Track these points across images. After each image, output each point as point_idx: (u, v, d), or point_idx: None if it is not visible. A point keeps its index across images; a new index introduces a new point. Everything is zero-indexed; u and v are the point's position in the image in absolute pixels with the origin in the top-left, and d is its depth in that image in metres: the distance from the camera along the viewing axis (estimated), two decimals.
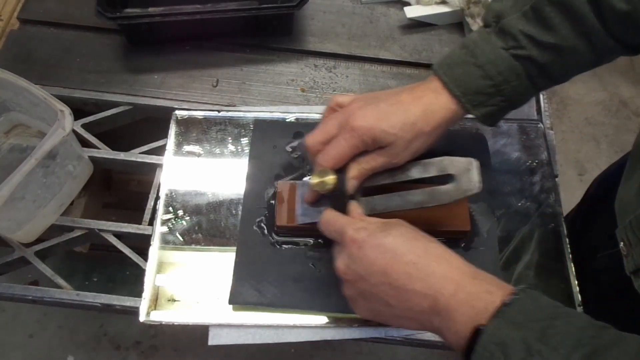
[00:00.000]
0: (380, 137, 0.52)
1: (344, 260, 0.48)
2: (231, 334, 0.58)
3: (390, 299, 0.45)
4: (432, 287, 0.43)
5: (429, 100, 0.53)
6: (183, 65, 0.76)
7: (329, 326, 0.58)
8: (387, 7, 0.83)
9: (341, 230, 0.48)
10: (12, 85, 0.60)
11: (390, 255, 0.45)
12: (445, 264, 0.45)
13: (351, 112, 0.53)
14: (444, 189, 0.54)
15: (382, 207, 0.55)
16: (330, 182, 0.52)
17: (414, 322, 0.46)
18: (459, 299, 0.42)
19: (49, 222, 0.63)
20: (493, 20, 0.53)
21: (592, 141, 1.80)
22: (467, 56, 0.53)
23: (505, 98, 0.54)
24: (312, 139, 0.55)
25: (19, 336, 1.37)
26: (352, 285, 0.48)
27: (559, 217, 0.64)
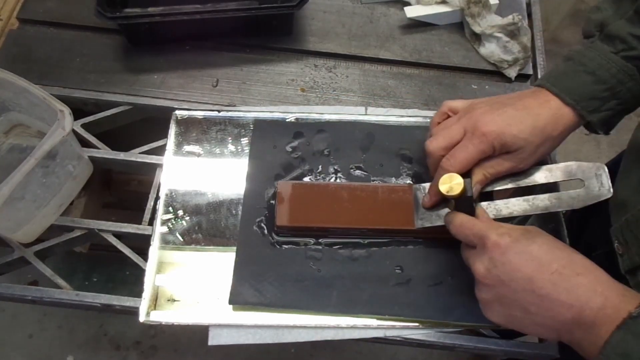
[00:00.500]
0: (510, 143, 0.52)
1: (484, 264, 0.47)
2: (231, 334, 0.58)
3: (531, 307, 0.45)
4: (578, 298, 0.43)
5: (556, 105, 0.54)
6: (183, 65, 0.76)
7: (329, 326, 0.58)
8: (387, 7, 0.83)
9: (481, 234, 0.48)
10: (12, 85, 0.59)
11: (536, 263, 0.45)
12: (592, 277, 0.44)
13: (478, 117, 0.53)
14: (574, 194, 0.54)
15: (507, 212, 0.55)
16: (459, 187, 0.52)
17: (552, 331, 0.45)
18: (606, 313, 0.42)
19: (48, 222, 0.63)
20: (596, 30, 0.54)
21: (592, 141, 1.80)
22: (574, 66, 0.54)
23: (620, 101, 0.54)
24: (434, 144, 0.55)
25: (19, 336, 1.37)
26: (491, 290, 0.47)
27: (559, 217, 0.64)
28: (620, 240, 0.55)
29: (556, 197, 0.54)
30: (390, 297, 0.58)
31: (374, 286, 0.59)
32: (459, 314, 0.57)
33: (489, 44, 0.77)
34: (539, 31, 0.81)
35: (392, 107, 0.73)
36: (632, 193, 0.55)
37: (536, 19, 0.82)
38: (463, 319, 0.57)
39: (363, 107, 0.73)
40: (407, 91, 0.75)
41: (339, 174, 0.66)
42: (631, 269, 0.53)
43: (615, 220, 0.56)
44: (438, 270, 0.60)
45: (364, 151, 0.67)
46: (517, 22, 0.74)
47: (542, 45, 0.79)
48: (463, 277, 0.59)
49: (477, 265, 0.48)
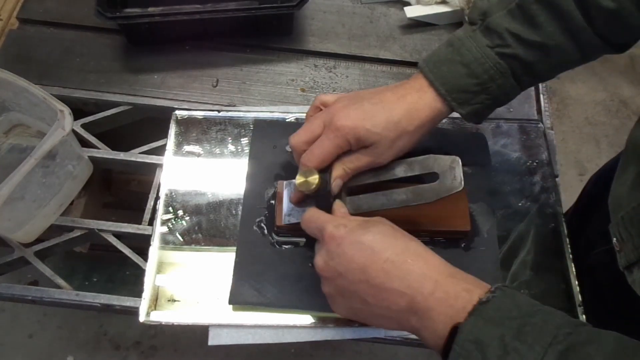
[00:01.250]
0: (364, 137, 0.51)
1: (322, 257, 0.47)
2: (231, 334, 0.58)
3: (368, 297, 0.45)
4: (410, 285, 0.43)
5: (413, 98, 0.53)
6: (183, 65, 0.76)
7: (329, 326, 0.58)
8: (387, 7, 0.83)
9: (321, 227, 0.48)
10: (12, 85, 0.59)
11: (369, 253, 0.45)
12: (423, 263, 0.44)
13: (335, 111, 0.53)
14: (428, 187, 0.54)
15: (367, 207, 0.55)
16: (314, 182, 0.52)
17: (392, 321, 0.45)
18: (437, 297, 0.42)
19: (48, 222, 0.63)
20: (479, 18, 0.53)
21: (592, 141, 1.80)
22: (453, 54, 0.53)
23: (490, 96, 0.54)
24: (296, 138, 0.55)
25: (19, 336, 1.37)
26: (331, 283, 0.48)
27: (559, 217, 0.64)
28: (617, 237, 0.55)
29: (412, 191, 0.54)
30: None
31: None
32: None
33: None
34: None
35: None
36: (627, 191, 0.55)
37: None
38: None
39: None
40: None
41: None
42: (628, 265, 0.54)
43: (613, 218, 0.57)
44: None
45: None
46: None
47: None
48: None
49: (317, 259, 0.48)
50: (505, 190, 0.66)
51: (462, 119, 0.56)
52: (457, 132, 0.70)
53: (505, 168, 0.68)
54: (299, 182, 0.53)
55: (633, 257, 0.52)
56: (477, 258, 0.60)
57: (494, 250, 0.61)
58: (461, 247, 0.61)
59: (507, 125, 0.71)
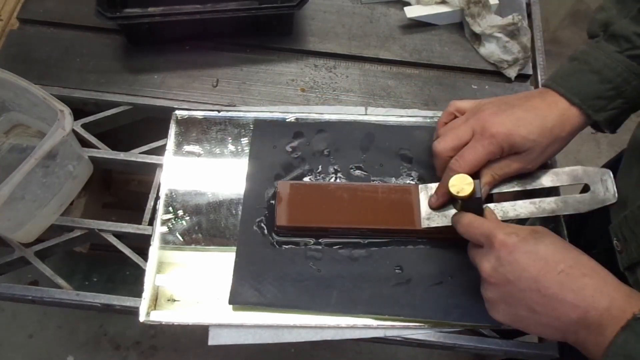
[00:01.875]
0: (519, 144, 0.52)
1: (490, 263, 0.47)
2: (231, 334, 0.58)
3: (537, 306, 0.45)
4: (584, 299, 0.43)
5: (563, 105, 0.54)
6: (183, 65, 0.76)
7: (329, 326, 0.58)
8: (387, 7, 0.83)
9: (489, 234, 0.48)
10: (12, 85, 0.59)
11: (543, 263, 0.45)
12: (598, 278, 0.44)
13: (486, 118, 0.53)
14: (580, 198, 0.55)
15: (514, 214, 0.56)
16: (470, 188, 0.52)
17: (557, 331, 0.45)
18: (612, 314, 0.42)
19: (48, 222, 0.63)
20: (600, 30, 0.54)
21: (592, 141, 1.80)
22: (580, 65, 0.54)
23: (626, 100, 0.54)
24: (442, 145, 0.55)
25: (19, 336, 1.37)
26: (497, 289, 0.47)
27: (559, 218, 0.64)
28: (619, 237, 0.55)
29: (562, 201, 0.55)
30: (390, 297, 0.58)
31: (374, 286, 0.59)
32: (458, 314, 0.57)
33: (488, 44, 0.77)
34: (539, 31, 0.81)
35: (392, 107, 0.73)
36: (631, 190, 0.55)
37: (536, 19, 0.82)
38: (463, 319, 0.57)
39: (363, 107, 0.73)
40: (407, 91, 0.75)
41: (339, 174, 0.66)
42: (630, 265, 0.54)
43: (614, 218, 0.57)
44: (438, 270, 0.60)
45: (364, 151, 0.67)
46: (517, 22, 0.74)
47: (542, 45, 0.79)
48: (463, 277, 0.59)
49: (483, 264, 0.48)
50: None
51: None
52: None
53: None
54: (455, 188, 0.53)
55: (637, 257, 0.52)
56: None
57: None
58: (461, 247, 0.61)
59: None
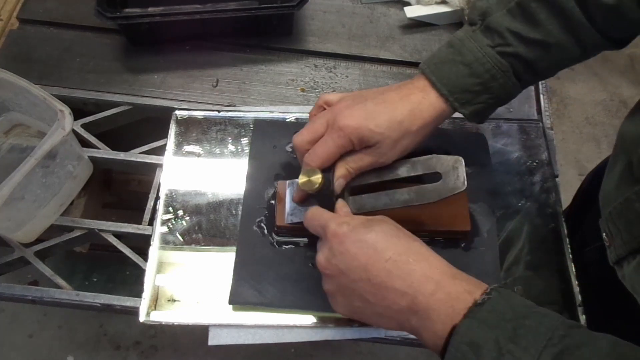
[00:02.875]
0: (367, 137, 0.52)
1: (324, 254, 0.47)
2: (231, 334, 0.58)
3: (369, 296, 0.45)
4: (411, 285, 0.43)
5: (417, 98, 0.53)
6: (183, 65, 0.76)
7: (329, 326, 0.58)
8: (387, 7, 0.83)
9: (324, 225, 0.48)
10: (12, 85, 0.59)
11: (371, 251, 0.45)
12: (425, 263, 0.44)
13: (338, 111, 0.53)
14: (431, 187, 0.54)
15: (370, 206, 0.56)
16: (317, 181, 0.52)
17: (392, 320, 0.45)
18: (438, 298, 0.42)
19: (48, 222, 0.63)
20: (479, 19, 0.53)
21: (592, 141, 1.80)
22: (454, 55, 0.53)
23: (492, 95, 0.54)
24: (299, 138, 0.55)
25: (19, 336, 1.37)
26: (332, 280, 0.47)
27: (559, 217, 0.64)
28: (607, 233, 0.55)
29: (415, 191, 0.54)
30: None
31: None
32: None
33: None
34: None
35: None
36: (614, 186, 0.56)
37: None
38: None
39: None
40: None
41: None
42: (618, 260, 0.54)
43: (603, 213, 0.57)
44: None
45: None
46: None
47: None
48: None
49: (318, 256, 0.48)
50: (506, 190, 0.66)
51: (463, 119, 0.56)
52: (457, 132, 0.70)
53: (505, 168, 0.68)
54: (302, 182, 0.53)
55: (622, 252, 0.53)
56: (477, 258, 0.60)
57: (493, 251, 0.61)
58: (461, 247, 0.61)
59: (507, 125, 0.71)
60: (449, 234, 0.61)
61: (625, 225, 0.52)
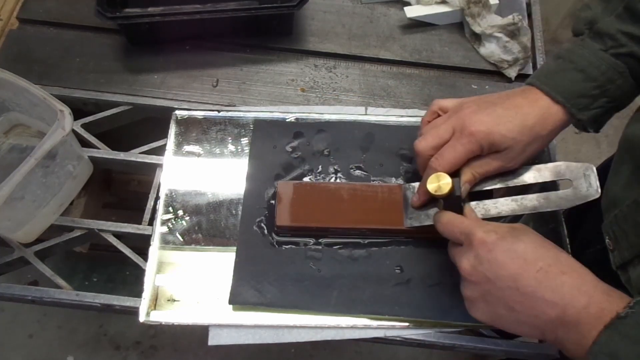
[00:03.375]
0: (499, 142, 0.52)
1: (470, 261, 0.47)
2: (231, 334, 0.58)
3: (516, 305, 0.45)
4: (563, 297, 0.43)
5: (545, 104, 0.54)
6: (183, 65, 0.76)
7: (329, 326, 0.58)
8: (387, 7, 0.83)
9: (468, 232, 0.48)
10: (12, 85, 0.59)
11: (522, 261, 0.45)
12: (576, 275, 0.44)
13: (466, 117, 0.53)
14: (562, 194, 0.54)
15: (495, 212, 0.56)
16: (447, 186, 0.52)
17: (536, 330, 0.45)
18: (590, 312, 0.42)
19: (48, 222, 0.63)
20: (585, 28, 0.54)
21: (592, 141, 1.80)
22: (564, 64, 0.54)
23: (610, 99, 0.54)
24: (423, 143, 0.55)
25: (19, 336, 1.37)
26: (476, 287, 0.47)
27: (559, 217, 0.64)
28: (610, 236, 0.55)
29: (544, 197, 0.54)
30: (390, 297, 0.58)
31: (374, 286, 0.59)
32: (458, 314, 0.57)
33: (489, 44, 0.77)
34: (539, 31, 0.81)
35: (392, 107, 0.73)
36: (621, 189, 0.55)
37: (536, 19, 0.82)
38: (463, 319, 0.57)
39: (363, 107, 0.73)
40: (407, 91, 0.75)
41: (339, 174, 0.66)
42: (621, 264, 0.54)
43: (606, 217, 0.57)
44: (438, 270, 0.60)
45: (364, 151, 0.67)
46: (517, 22, 0.74)
47: (542, 45, 0.79)
48: None
49: (462, 263, 0.48)
50: None
51: None
52: None
53: None
54: (432, 187, 0.52)
55: (628, 255, 0.53)
56: None
57: None
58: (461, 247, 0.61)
59: None
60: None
61: (632, 228, 0.52)
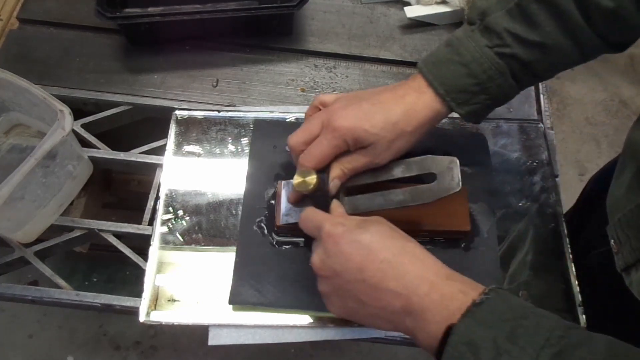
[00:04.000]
0: (362, 137, 0.51)
1: (319, 256, 0.47)
2: (231, 334, 0.58)
3: (364, 297, 0.45)
4: (406, 286, 0.43)
5: (412, 99, 0.53)
6: (183, 65, 0.76)
7: (329, 326, 0.58)
8: (387, 7, 0.83)
9: (319, 226, 0.48)
10: (12, 85, 0.59)
11: (366, 252, 0.45)
12: (419, 264, 0.44)
13: (333, 112, 0.53)
14: (426, 187, 0.54)
15: (364, 207, 0.55)
16: (312, 182, 0.52)
17: (387, 322, 0.45)
18: (432, 299, 0.42)
19: (48, 222, 0.63)
20: (478, 18, 0.53)
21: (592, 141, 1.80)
22: (451, 54, 0.53)
23: (489, 96, 0.53)
24: (294, 138, 0.55)
25: (19, 336, 1.37)
26: (327, 281, 0.47)
27: (559, 217, 0.64)
28: (615, 239, 0.55)
29: (409, 191, 0.54)
30: None
31: None
32: None
33: None
34: None
35: None
36: (624, 193, 0.55)
37: None
38: None
39: None
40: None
41: None
42: (626, 267, 0.53)
43: (611, 219, 0.57)
44: None
45: None
46: None
47: None
48: None
49: (313, 257, 0.48)
50: (505, 190, 0.66)
51: (461, 119, 0.56)
52: (457, 132, 0.70)
53: (505, 168, 0.68)
54: (297, 182, 0.53)
55: (631, 259, 0.52)
56: (477, 258, 0.60)
57: (493, 251, 0.61)
58: (461, 247, 0.61)
59: (507, 125, 0.71)
60: (449, 234, 0.61)
61: (635, 232, 0.52)
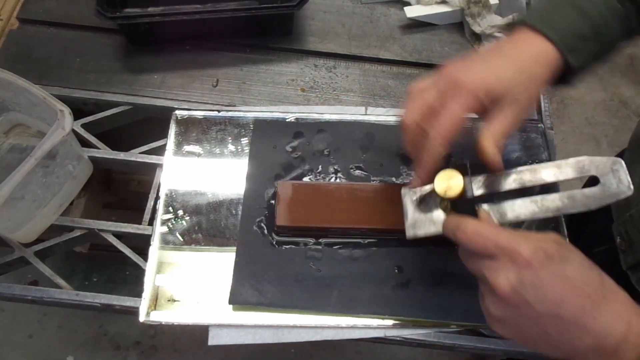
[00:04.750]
0: (495, 87, 0.47)
1: (510, 282, 0.40)
2: (231, 334, 0.58)
3: (551, 330, 0.40)
4: (603, 325, 0.40)
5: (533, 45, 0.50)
6: (183, 65, 0.76)
7: (329, 326, 0.58)
8: (387, 7, 0.83)
9: (508, 247, 0.41)
10: (12, 85, 0.59)
11: (570, 287, 0.40)
12: (616, 301, 0.41)
13: (452, 75, 0.48)
14: (589, 192, 0.47)
15: (513, 215, 0.49)
16: (458, 187, 0.46)
17: (564, 354, 0.42)
18: (628, 341, 0.39)
19: (48, 222, 0.63)
20: None
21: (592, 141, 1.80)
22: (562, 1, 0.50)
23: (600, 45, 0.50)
24: (410, 115, 0.49)
25: (19, 336, 1.37)
26: (511, 309, 0.41)
27: (559, 217, 0.64)
28: (623, 237, 0.54)
29: (568, 197, 0.48)
30: (390, 297, 0.58)
31: (374, 286, 0.59)
32: (459, 314, 0.57)
33: (489, 44, 0.77)
34: None
35: (392, 107, 0.73)
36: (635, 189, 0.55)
37: None
38: (463, 319, 0.57)
39: (363, 107, 0.73)
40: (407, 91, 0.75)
41: (339, 174, 0.66)
42: (634, 264, 0.53)
43: (617, 217, 0.56)
44: (438, 270, 0.60)
45: (364, 151, 0.67)
46: None
47: None
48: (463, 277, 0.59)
49: (499, 281, 0.41)
50: None
51: None
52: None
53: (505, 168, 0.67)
54: (441, 188, 0.47)
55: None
56: None
57: None
58: None
59: None
60: None
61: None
